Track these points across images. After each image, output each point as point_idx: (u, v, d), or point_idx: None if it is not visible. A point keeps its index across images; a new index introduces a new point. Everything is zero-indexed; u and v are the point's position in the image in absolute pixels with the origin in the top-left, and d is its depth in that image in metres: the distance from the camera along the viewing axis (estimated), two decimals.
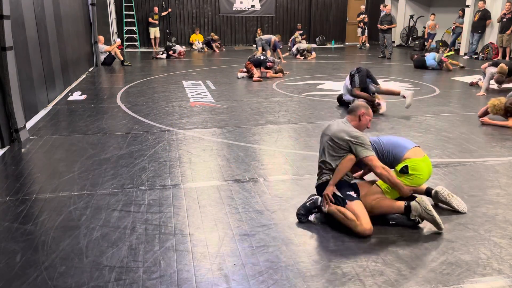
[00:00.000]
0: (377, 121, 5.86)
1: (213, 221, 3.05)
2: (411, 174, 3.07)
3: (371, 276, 2.42)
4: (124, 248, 2.68)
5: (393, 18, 13.13)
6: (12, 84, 4.67)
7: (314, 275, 2.42)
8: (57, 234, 2.85)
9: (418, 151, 3.18)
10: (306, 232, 2.92)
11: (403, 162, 3.10)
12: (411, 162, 3.09)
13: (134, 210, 3.20)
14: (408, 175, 3.08)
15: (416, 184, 3.13)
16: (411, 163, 3.09)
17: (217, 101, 7.13)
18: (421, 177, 3.12)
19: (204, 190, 3.57)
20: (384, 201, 3.00)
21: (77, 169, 4.03)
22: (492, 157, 4.39)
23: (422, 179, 3.13)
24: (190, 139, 4.99)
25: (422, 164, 3.12)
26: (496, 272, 2.45)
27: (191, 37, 16.89)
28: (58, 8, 7.76)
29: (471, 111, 6.31)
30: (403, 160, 3.11)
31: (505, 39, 12.20)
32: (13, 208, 3.23)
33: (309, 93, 7.84)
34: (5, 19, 4.54)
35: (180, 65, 12.01)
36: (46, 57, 6.79)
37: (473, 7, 13.43)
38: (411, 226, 2.94)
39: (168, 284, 2.34)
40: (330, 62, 12.73)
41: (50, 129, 5.44)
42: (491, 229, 2.93)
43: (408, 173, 3.07)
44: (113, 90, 8.08)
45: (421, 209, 2.85)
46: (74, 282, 2.35)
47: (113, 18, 15.45)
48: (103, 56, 11.42)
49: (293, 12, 18.28)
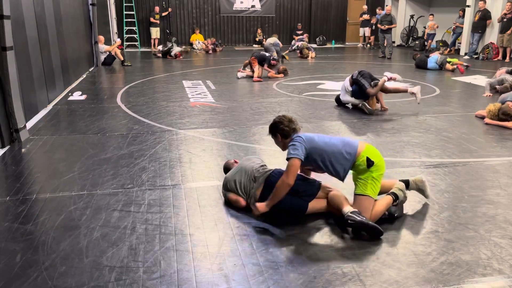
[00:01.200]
0: (377, 121, 5.86)
1: (213, 221, 3.05)
2: (376, 163, 2.97)
3: (371, 276, 2.41)
4: (124, 248, 2.68)
5: (393, 18, 13.14)
6: (12, 84, 4.67)
7: (314, 275, 2.42)
8: (57, 234, 2.85)
9: (362, 143, 3.10)
10: (306, 232, 2.92)
11: (361, 157, 2.98)
12: (366, 153, 2.99)
13: (134, 210, 3.20)
14: (374, 166, 2.96)
15: (382, 170, 3.02)
16: (368, 153, 2.99)
17: (217, 101, 7.13)
18: (382, 163, 3.04)
19: (204, 190, 3.57)
20: (376, 207, 2.98)
21: (77, 169, 4.03)
22: (492, 157, 4.39)
23: (383, 164, 3.05)
24: (190, 139, 4.99)
25: (374, 151, 3.04)
26: (496, 272, 2.44)
27: (191, 37, 16.90)
28: (58, 8, 7.76)
29: (472, 111, 6.31)
30: (360, 155, 2.99)
31: (506, 39, 12.20)
32: (13, 208, 3.23)
33: (309, 93, 7.84)
34: (5, 19, 4.55)
35: (180, 65, 12.01)
36: (46, 57, 6.80)
37: (473, 7, 13.43)
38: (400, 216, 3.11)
39: (168, 284, 2.34)
40: (330, 62, 12.73)
41: (50, 129, 5.44)
42: (492, 229, 2.93)
43: (374, 164, 2.96)
44: (113, 90, 8.08)
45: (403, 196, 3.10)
46: (74, 282, 2.35)
47: (113, 18, 15.45)
48: (103, 56, 11.42)
49: (293, 12, 18.29)
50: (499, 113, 5.54)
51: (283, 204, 3.00)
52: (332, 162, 2.99)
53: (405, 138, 5.05)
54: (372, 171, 2.97)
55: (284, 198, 2.95)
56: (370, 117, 6.04)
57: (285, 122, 3.08)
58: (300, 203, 3.03)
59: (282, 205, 2.99)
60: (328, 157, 2.99)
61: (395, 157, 4.40)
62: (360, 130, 5.42)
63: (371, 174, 2.96)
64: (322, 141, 3.03)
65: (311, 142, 2.98)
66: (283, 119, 3.11)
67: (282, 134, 3.09)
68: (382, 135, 5.19)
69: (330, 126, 5.62)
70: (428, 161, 4.28)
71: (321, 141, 3.02)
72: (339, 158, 2.99)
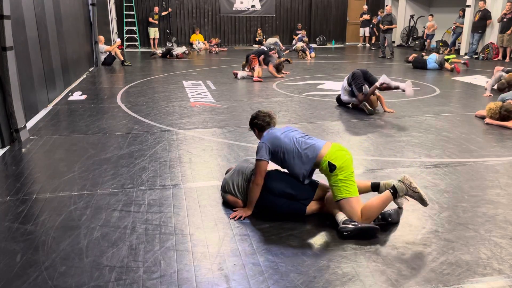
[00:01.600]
0: (377, 121, 5.86)
1: (213, 221, 3.05)
2: (339, 166, 2.90)
3: (371, 276, 2.42)
4: (124, 248, 2.68)
5: (393, 19, 13.12)
6: (12, 84, 4.67)
7: (314, 275, 2.42)
8: (57, 234, 2.85)
9: (326, 146, 3.03)
10: (306, 232, 2.92)
11: (323, 161, 2.94)
12: (328, 157, 2.94)
13: (134, 210, 3.20)
14: (338, 169, 2.89)
15: (349, 170, 2.93)
16: (329, 157, 2.93)
17: (217, 101, 7.14)
18: (348, 163, 2.94)
19: (205, 190, 3.57)
20: (373, 202, 2.89)
21: (78, 169, 4.03)
22: (492, 157, 4.39)
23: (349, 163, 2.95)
24: (190, 139, 4.99)
25: (338, 153, 2.96)
26: (496, 272, 2.44)
27: (191, 37, 16.91)
28: (59, 8, 7.76)
29: (472, 111, 6.31)
30: (322, 160, 2.95)
31: (506, 39, 12.20)
32: (13, 208, 3.23)
33: (309, 93, 7.84)
34: (5, 19, 4.55)
35: (180, 65, 12.01)
36: (47, 57, 6.80)
37: (473, 7, 13.43)
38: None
39: (168, 284, 2.34)
40: (330, 62, 12.73)
41: (51, 129, 5.44)
42: (491, 229, 2.93)
43: (336, 167, 2.89)
44: (113, 90, 8.08)
45: (406, 188, 2.86)
46: (74, 282, 2.35)
47: (113, 18, 15.45)
48: (103, 56, 11.43)
49: (293, 12, 18.29)
50: (502, 110, 5.52)
51: (282, 209, 3.02)
52: (294, 163, 3.03)
53: (405, 138, 5.05)
54: (338, 174, 2.90)
55: (282, 202, 2.99)
56: (370, 117, 6.04)
57: (260, 117, 3.29)
58: (298, 207, 3.04)
59: (280, 210, 3.02)
60: (289, 158, 3.04)
61: (395, 157, 4.40)
62: (360, 130, 5.42)
63: (337, 177, 2.90)
64: (286, 141, 3.06)
65: (274, 141, 3.07)
66: (258, 114, 3.32)
67: (258, 128, 3.31)
68: (382, 135, 5.19)
69: (330, 126, 5.62)
70: (428, 161, 4.28)
71: (285, 141, 3.06)
72: (297, 161, 3.02)
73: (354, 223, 2.81)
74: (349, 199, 2.88)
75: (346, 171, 2.91)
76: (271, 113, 3.33)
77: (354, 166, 3.01)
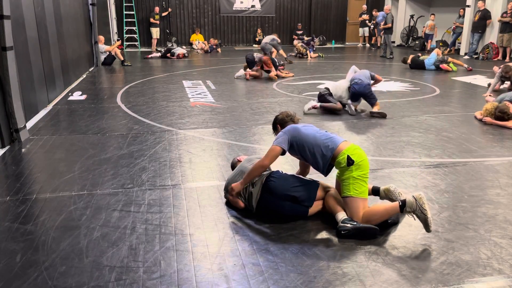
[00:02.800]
0: (378, 121, 5.86)
1: (213, 221, 3.05)
2: (357, 162, 2.91)
3: (371, 276, 2.42)
4: (124, 248, 2.68)
5: (387, 18, 13.01)
6: (12, 84, 4.67)
7: (314, 275, 2.42)
8: (57, 234, 2.85)
9: (346, 142, 3.05)
10: (306, 232, 2.92)
11: (342, 154, 2.95)
12: (348, 151, 2.94)
13: (134, 210, 3.20)
14: (355, 165, 2.90)
15: (365, 170, 2.93)
16: (349, 152, 2.94)
17: (217, 101, 7.14)
18: (365, 163, 2.96)
19: (204, 190, 3.57)
20: (377, 208, 2.90)
21: (77, 169, 4.03)
22: (492, 157, 4.39)
23: (366, 164, 2.97)
24: (190, 139, 4.99)
25: (357, 150, 2.98)
26: (496, 272, 2.44)
27: (191, 37, 16.91)
28: (58, 8, 7.76)
29: (472, 111, 6.31)
30: (341, 152, 2.95)
31: (506, 38, 12.20)
32: (13, 208, 3.23)
33: (309, 93, 7.84)
34: (5, 19, 4.55)
35: (180, 65, 12.01)
36: (46, 57, 6.80)
37: (473, 7, 13.43)
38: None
39: (168, 284, 2.34)
40: (330, 62, 12.73)
41: (50, 129, 5.44)
42: (491, 229, 2.93)
43: (354, 163, 2.90)
44: (113, 90, 8.08)
45: (416, 206, 2.76)
46: (74, 282, 2.35)
47: (113, 18, 15.46)
48: (103, 56, 11.43)
49: (293, 12, 18.29)
50: (496, 111, 5.54)
51: (285, 211, 3.03)
52: (313, 153, 3.04)
53: (405, 138, 5.05)
54: (353, 170, 2.90)
55: (285, 205, 3.00)
56: (370, 117, 6.04)
57: (284, 114, 3.46)
58: (301, 210, 3.04)
59: (284, 211, 3.03)
60: (310, 148, 3.05)
61: (395, 157, 4.40)
62: (360, 130, 5.42)
63: (351, 173, 2.90)
64: (306, 132, 3.11)
65: (294, 132, 3.11)
66: (282, 112, 3.50)
67: (281, 124, 3.40)
68: (382, 135, 5.19)
69: (330, 126, 5.62)
70: (428, 161, 4.28)
71: (305, 133, 3.10)
72: (319, 150, 3.02)
73: (353, 223, 2.81)
74: (355, 199, 2.89)
75: (362, 170, 2.92)
76: (292, 113, 3.48)
77: None
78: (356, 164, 2.91)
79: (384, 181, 3.72)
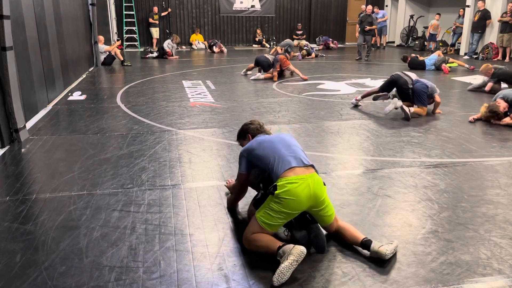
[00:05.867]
0: (377, 121, 5.86)
1: (213, 221, 3.05)
2: (280, 196, 2.52)
3: (371, 276, 2.42)
4: (124, 248, 2.68)
5: (374, 20, 12.81)
6: (12, 84, 4.67)
7: (314, 275, 2.42)
8: (57, 234, 2.85)
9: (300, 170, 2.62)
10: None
11: (279, 180, 2.58)
12: (287, 180, 2.55)
13: (134, 210, 3.20)
14: (274, 196, 2.53)
15: (288, 209, 2.53)
16: (287, 181, 2.55)
17: (217, 101, 7.13)
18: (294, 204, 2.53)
19: (204, 190, 3.57)
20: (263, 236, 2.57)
21: (77, 169, 4.03)
22: (492, 157, 4.39)
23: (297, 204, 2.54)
24: (190, 139, 4.99)
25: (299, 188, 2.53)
26: (496, 272, 2.45)
27: (191, 37, 16.90)
28: (58, 8, 7.76)
29: (471, 111, 6.31)
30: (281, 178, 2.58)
31: (505, 39, 12.20)
32: (13, 208, 3.23)
33: (309, 93, 7.84)
34: (5, 19, 4.54)
35: (180, 65, 12.01)
36: (46, 57, 6.79)
37: (473, 7, 13.44)
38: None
39: (168, 284, 2.34)
40: (330, 62, 12.73)
41: (50, 129, 5.44)
42: (491, 229, 2.93)
43: (274, 194, 2.54)
44: (113, 90, 8.08)
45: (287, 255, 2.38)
46: (74, 282, 2.35)
47: (113, 18, 15.45)
48: (103, 56, 11.42)
49: (293, 12, 18.28)
50: (487, 110, 5.56)
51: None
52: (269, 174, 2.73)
53: (405, 138, 5.05)
54: (273, 199, 2.55)
55: None
56: (370, 117, 6.04)
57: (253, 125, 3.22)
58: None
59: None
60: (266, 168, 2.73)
61: (395, 157, 4.40)
62: (360, 130, 5.42)
63: (269, 201, 2.58)
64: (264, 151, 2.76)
65: (251, 152, 2.83)
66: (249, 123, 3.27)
67: (251, 135, 3.18)
68: (382, 135, 5.19)
69: (330, 126, 5.62)
70: (428, 161, 4.28)
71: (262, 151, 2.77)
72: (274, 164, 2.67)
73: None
74: (257, 224, 2.58)
75: (282, 207, 2.52)
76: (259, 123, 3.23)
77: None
78: (278, 197, 2.52)
79: (384, 181, 3.72)
